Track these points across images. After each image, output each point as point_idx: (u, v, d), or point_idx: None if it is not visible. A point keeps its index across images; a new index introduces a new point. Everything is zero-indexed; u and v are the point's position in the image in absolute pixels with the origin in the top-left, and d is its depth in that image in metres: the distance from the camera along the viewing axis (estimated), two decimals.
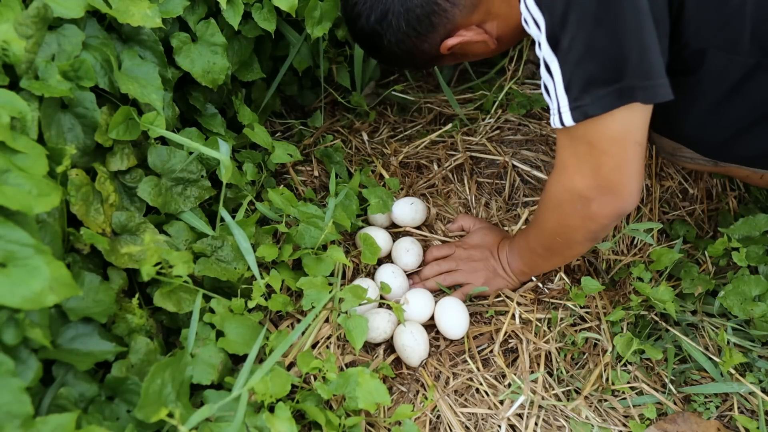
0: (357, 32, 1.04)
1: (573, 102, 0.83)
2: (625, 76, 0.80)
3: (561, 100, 0.84)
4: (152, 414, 0.70)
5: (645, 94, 0.81)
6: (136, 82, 0.90)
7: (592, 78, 0.81)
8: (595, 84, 0.81)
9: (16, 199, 0.65)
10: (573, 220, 0.95)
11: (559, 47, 0.82)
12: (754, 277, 1.06)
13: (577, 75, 0.82)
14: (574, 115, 0.83)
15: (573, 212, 0.93)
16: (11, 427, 0.60)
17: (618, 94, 0.81)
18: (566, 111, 0.84)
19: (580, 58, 0.81)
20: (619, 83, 0.80)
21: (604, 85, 0.81)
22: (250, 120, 1.20)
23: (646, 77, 0.80)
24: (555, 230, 1.00)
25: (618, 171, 0.87)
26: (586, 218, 0.93)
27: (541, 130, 1.44)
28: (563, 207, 0.95)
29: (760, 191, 1.29)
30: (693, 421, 0.99)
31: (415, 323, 1.08)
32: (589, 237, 0.97)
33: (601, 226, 0.94)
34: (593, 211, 0.91)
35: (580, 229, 0.96)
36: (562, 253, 1.06)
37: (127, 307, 0.86)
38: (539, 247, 1.07)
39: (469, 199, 1.33)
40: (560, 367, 1.07)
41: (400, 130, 1.49)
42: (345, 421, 0.89)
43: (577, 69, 0.81)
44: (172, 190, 0.96)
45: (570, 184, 0.91)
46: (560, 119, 0.85)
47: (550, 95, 0.86)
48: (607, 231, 0.97)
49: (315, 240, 1.06)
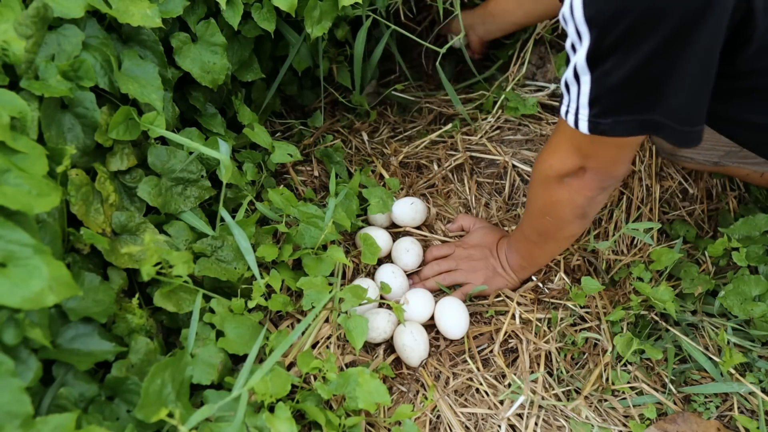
0: None
1: (593, 117, 0.79)
2: (655, 111, 0.76)
3: (582, 108, 0.80)
4: (152, 414, 0.70)
5: (675, 134, 0.78)
6: (136, 82, 0.90)
7: (622, 105, 0.77)
8: (621, 111, 0.78)
9: (16, 199, 0.65)
10: (560, 194, 0.95)
11: (597, 67, 0.76)
12: (754, 277, 1.06)
13: (607, 98, 0.78)
14: (590, 127, 0.80)
15: (559, 187, 0.95)
16: (11, 427, 0.60)
17: (641, 124, 0.78)
18: (584, 120, 0.80)
19: (616, 86, 0.76)
20: (646, 115, 0.77)
21: (630, 113, 0.77)
22: (250, 120, 1.20)
23: (685, 122, 0.77)
24: (543, 208, 1.01)
25: (609, 163, 0.90)
26: (572, 191, 0.94)
27: (541, 130, 1.44)
28: (550, 183, 0.96)
29: (760, 191, 1.29)
30: (693, 421, 0.99)
31: (415, 323, 1.08)
32: (578, 213, 0.98)
33: (587, 199, 0.95)
34: (579, 185, 0.92)
35: (568, 204, 0.96)
36: (554, 236, 1.06)
37: (127, 307, 0.85)
38: (533, 232, 1.07)
39: (469, 199, 1.33)
40: (560, 367, 1.07)
41: (400, 130, 1.49)
42: (345, 421, 0.89)
43: (610, 93, 0.77)
44: (172, 190, 0.96)
45: (559, 164, 0.92)
46: (575, 121, 0.82)
47: (570, 94, 0.81)
48: (594, 207, 0.98)
49: (315, 240, 1.06)
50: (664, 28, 0.69)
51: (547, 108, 1.48)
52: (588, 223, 1.02)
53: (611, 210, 1.27)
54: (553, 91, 1.50)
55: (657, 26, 0.70)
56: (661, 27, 0.69)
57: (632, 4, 0.69)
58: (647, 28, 0.70)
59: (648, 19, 0.70)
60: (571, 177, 0.93)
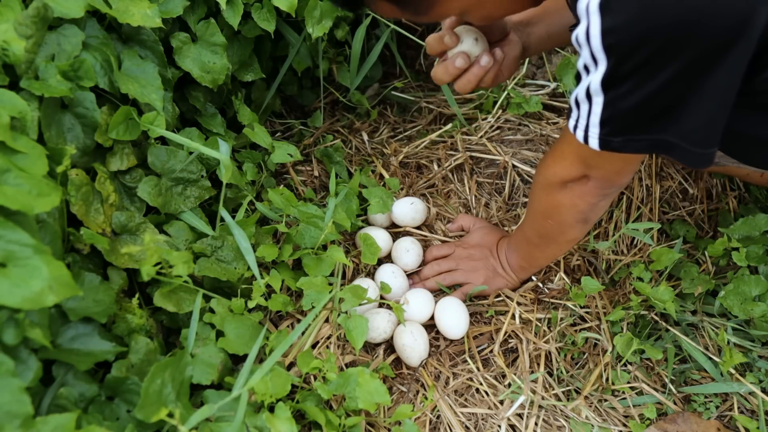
0: None
1: (604, 135, 0.77)
2: (668, 132, 0.74)
3: (592, 127, 0.77)
4: (152, 414, 0.70)
5: (688, 156, 0.76)
6: (136, 82, 0.90)
7: (635, 126, 0.75)
8: (634, 131, 0.76)
9: (16, 199, 0.65)
10: (562, 199, 0.95)
11: (611, 90, 0.73)
12: (754, 277, 1.06)
13: (619, 120, 0.75)
14: (600, 144, 0.78)
15: (562, 192, 0.94)
16: (11, 427, 0.60)
17: (652, 143, 0.76)
18: (594, 138, 0.78)
19: (629, 110, 0.73)
20: (657, 135, 0.75)
21: (642, 133, 0.75)
22: (250, 120, 1.20)
23: (699, 145, 0.75)
24: (545, 212, 1.00)
25: (614, 173, 0.90)
26: (575, 196, 0.94)
27: (541, 130, 1.44)
28: (553, 187, 0.95)
29: (760, 191, 1.29)
30: (693, 421, 0.99)
31: (415, 323, 1.08)
32: (580, 218, 0.97)
33: (589, 204, 0.94)
34: (582, 190, 0.92)
35: (570, 208, 0.96)
36: (556, 239, 1.06)
37: (127, 307, 0.85)
38: (534, 235, 1.07)
39: (469, 199, 1.33)
40: (560, 367, 1.07)
41: (400, 130, 1.49)
42: (345, 421, 0.89)
43: (622, 115, 0.75)
44: (172, 190, 0.96)
45: (563, 172, 0.92)
46: (585, 138, 0.79)
47: (580, 111, 0.78)
48: (597, 212, 0.97)
49: (315, 240, 1.06)
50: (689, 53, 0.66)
51: (547, 107, 1.48)
52: (589, 227, 1.02)
53: (611, 210, 1.27)
54: (553, 89, 1.50)
55: (681, 53, 0.66)
56: (686, 52, 0.66)
57: (655, 33, 0.65)
58: (670, 54, 0.67)
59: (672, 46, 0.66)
60: (574, 183, 0.92)
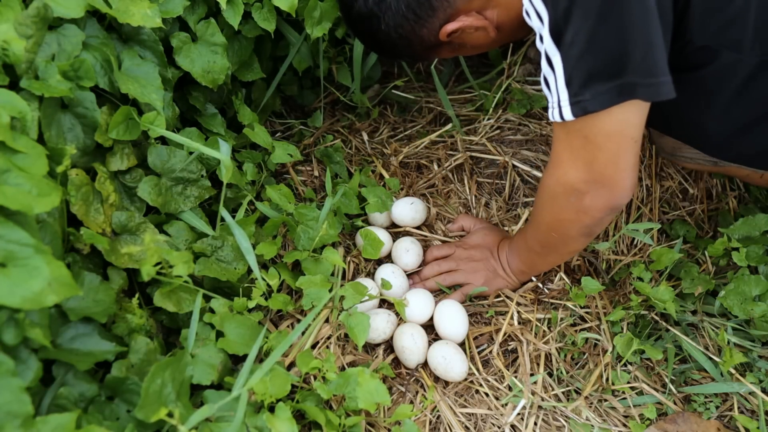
0: (354, 16, 1.00)
1: (573, 97, 0.83)
2: (626, 72, 0.80)
3: (561, 94, 0.84)
4: (152, 414, 0.70)
5: (646, 91, 0.81)
6: (136, 82, 0.90)
7: (593, 73, 0.81)
8: (595, 79, 0.81)
9: (16, 199, 0.65)
10: (567, 213, 0.95)
11: (562, 41, 0.81)
12: (754, 277, 1.06)
13: (579, 69, 0.81)
14: (573, 110, 0.83)
15: (567, 205, 0.94)
16: (11, 427, 0.60)
17: (618, 90, 0.81)
18: (566, 105, 0.84)
19: (582, 53, 0.80)
20: (620, 79, 0.80)
21: (604, 81, 0.81)
22: (250, 120, 1.20)
23: (648, 74, 0.80)
24: (550, 225, 1.00)
25: (611, 165, 0.88)
26: (579, 211, 0.93)
27: (541, 130, 1.44)
28: (557, 200, 0.95)
29: (760, 191, 1.29)
30: (693, 421, 0.99)
31: (415, 325, 1.08)
32: (584, 232, 0.97)
33: (594, 219, 0.94)
34: (586, 205, 0.92)
35: (575, 223, 0.96)
36: (558, 250, 1.06)
37: (127, 307, 0.86)
38: (536, 244, 1.07)
39: (469, 199, 1.33)
40: (560, 367, 1.07)
41: (400, 130, 1.49)
42: (345, 421, 0.89)
43: (579, 63, 0.81)
44: (172, 190, 0.96)
45: (564, 177, 0.92)
46: (560, 113, 0.85)
47: (550, 89, 0.85)
48: (601, 226, 0.97)
49: (311, 242, 1.07)
50: None
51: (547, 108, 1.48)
52: (592, 239, 1.02)
53: None
54: None
55: None
56: None
57: None
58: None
59: None
60: (578, 196, 0.91)
